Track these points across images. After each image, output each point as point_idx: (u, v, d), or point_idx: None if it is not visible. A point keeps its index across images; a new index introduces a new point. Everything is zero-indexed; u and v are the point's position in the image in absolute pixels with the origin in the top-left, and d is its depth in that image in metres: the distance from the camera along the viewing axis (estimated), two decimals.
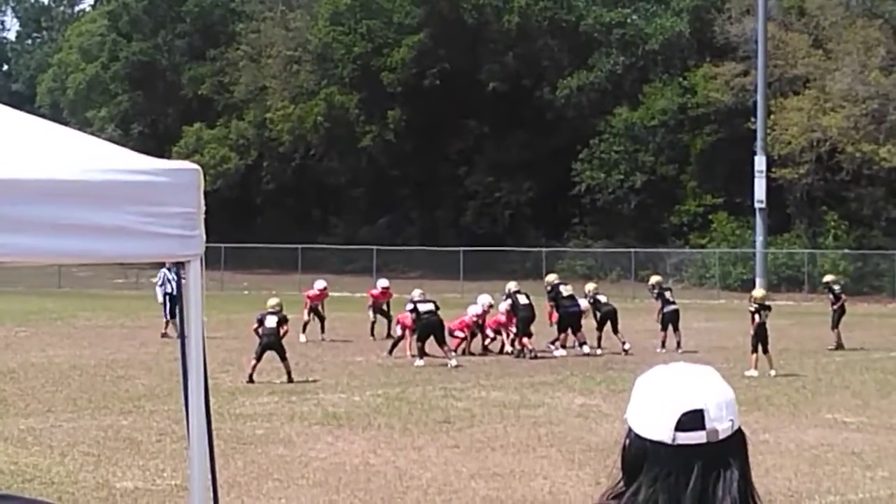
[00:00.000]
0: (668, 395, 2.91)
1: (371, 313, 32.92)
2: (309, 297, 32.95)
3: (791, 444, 16.40)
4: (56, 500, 12.41)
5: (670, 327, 30.23)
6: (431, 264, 52.76)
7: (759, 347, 25.15)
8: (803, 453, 15.81)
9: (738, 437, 2.93)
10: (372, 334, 32.53)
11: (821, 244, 59.95)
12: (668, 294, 31.28)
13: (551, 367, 26.16)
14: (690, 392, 2.90)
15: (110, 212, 4.04)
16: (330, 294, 34.58)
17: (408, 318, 27.90)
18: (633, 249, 60.85)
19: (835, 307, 32.43)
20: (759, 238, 57.46)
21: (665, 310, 30.61)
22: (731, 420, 2.91)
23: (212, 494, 4.84)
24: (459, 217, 71.71)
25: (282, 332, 23.84)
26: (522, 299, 28.89)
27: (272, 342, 23.36)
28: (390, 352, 28.46)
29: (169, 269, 33.24)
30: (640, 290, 55.42)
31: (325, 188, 75.58)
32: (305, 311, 32.36)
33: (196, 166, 4.38)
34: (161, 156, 4.59)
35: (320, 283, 33.41)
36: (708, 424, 2.86)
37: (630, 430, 2.98)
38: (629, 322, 35.02)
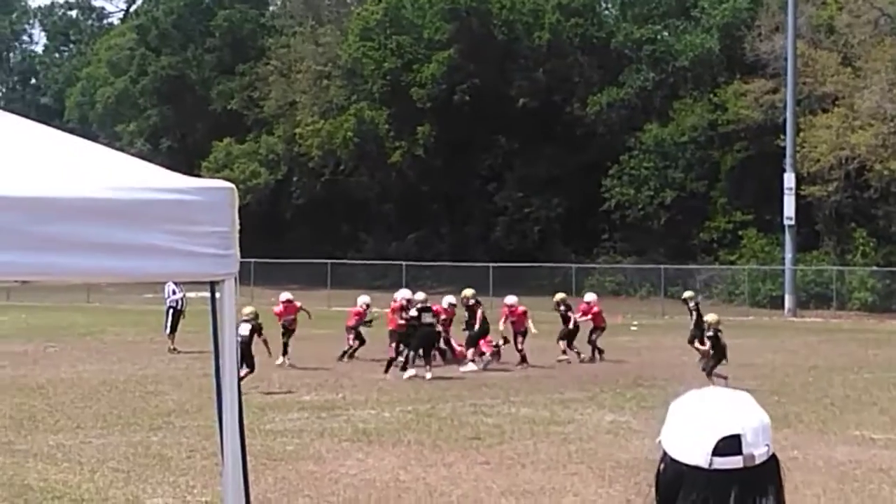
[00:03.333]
0: (705, 419, 2.90)
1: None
2: (277, 312, 30.77)
3: (819, 461, 16.30)
4: None
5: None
6: (461, 279, 52.38)
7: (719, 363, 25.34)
8: (832, 470, 15.73)
9: (773, 463, 2.93)
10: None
11: (849, 261, 59.72)
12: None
13: (581, 383, 26.08)
14: (727, 417, 2.90)
15: (144, 231, 4.01)
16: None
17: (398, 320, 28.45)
18: (662, 266, 60.72)
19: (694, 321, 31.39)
20: (788, 255, 57.41)
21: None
22: (767, 445, 2.90)
23: None
24: (489, 233, 71.68)
25: (256, 339, 24.47)
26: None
27: (243, 350, 22.88)
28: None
29: (177, 284, 33.03)
30: (669, 307, 55.31)
31: (355, 203, 75.62)
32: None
33: (230, 185, 4.36)
34: (190, 171, 4.58)
35: (285, 295, 31.37)
36: (745, 449, 2.86)
37: (665, 454, 2.98)
38: (659, 339, 34.99)
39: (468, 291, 30.81)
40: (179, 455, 16.20)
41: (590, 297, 33.04)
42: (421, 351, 27.33)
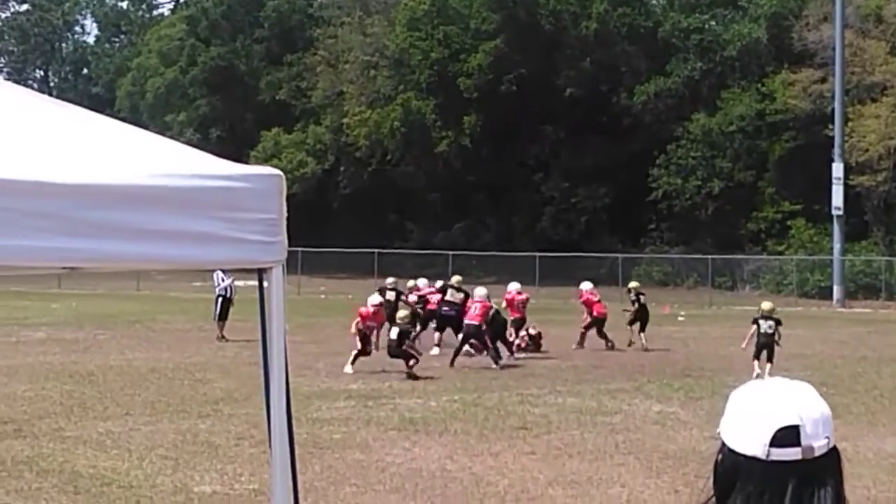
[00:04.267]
0: (764, 409, 2.85)
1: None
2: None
3: (869, 453, 16.20)
4: None
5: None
6: (506, 269, 52.35)
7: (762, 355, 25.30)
8: (881, 462, 15.63)
9: (833, 456, 2.86)
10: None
11: None
12: None
13: (628, 373, 26.02)
14: (786, 407, 2.84)
15: (192, 218, 4.02)
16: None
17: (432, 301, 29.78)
18: (710, 256, 60.52)
19: (632, 311, 31.97)
20: (837, 245, 57.14)
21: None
22: (827, 437, 2.84)
23: (293, 500, 4.83)
24: (535, 223, 71.62)
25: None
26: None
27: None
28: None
29: (226, 272, 33.15)
30: (716, 297, 55.26)
31: (402, 193, 75.73)
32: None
33: (279, 172, 4.36)
34: (238, 160, 4.56)
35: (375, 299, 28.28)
36: (804, 441, 2.80)
37: (723, 444, 2.92)
38: (706, 329, 34.87)
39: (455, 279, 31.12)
40: (227, 443, 16.27)
41: (585, 285, 32.39)
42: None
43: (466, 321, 27.53)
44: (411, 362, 24.80)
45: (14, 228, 3.60)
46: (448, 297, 29.93)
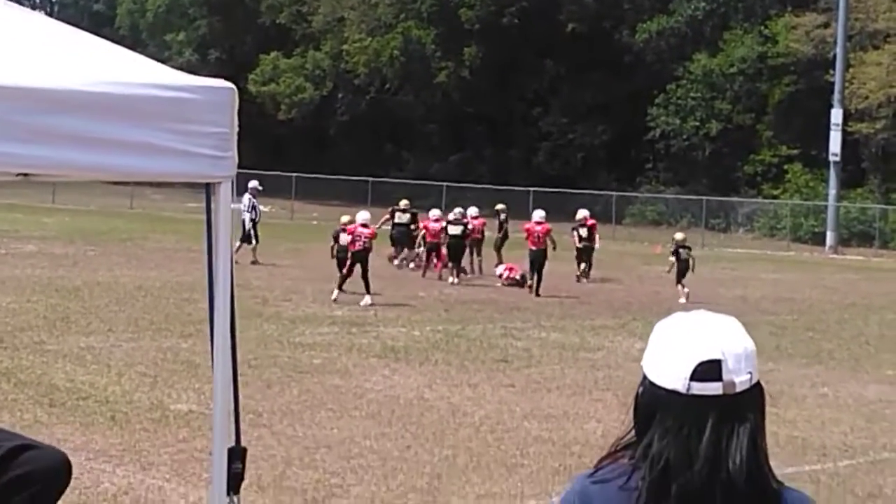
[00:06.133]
0: (686, 343, 2.79)
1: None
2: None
3: (850, 399, 16.25)
4: (110, 419, 12.52)
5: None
6: (501, 202, 52.33)
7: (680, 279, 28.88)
8: (861, 408, 15.66)
9: (755, 392, 2.81)
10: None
11: (894, 200, 59.32)
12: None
13: (613, 311, 26.09)
14: (709, 341, 2.78)
15: (141, 128, 3.94)
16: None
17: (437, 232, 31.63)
18: (704, 197, 60.49)
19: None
20: (832, 191, 57.21)
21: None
22: (750, 373, 2.78)
23: (233, 422, 4.81)
24: (531, 157, 71.53)
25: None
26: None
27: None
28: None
29: (253, 195, 33.48)
30: (710, 238, 55.28)
31: (399, 122, 75.54)
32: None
33: (231, 85, 4.28)
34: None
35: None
36: (725, 376, 2.74)
37: (644, 377, 2.87)
38: (698, 270, 34.84)
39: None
40: (207, 363, 16.05)
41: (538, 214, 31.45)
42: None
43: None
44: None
45: None
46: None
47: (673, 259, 29.73)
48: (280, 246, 33.60)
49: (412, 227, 34.37)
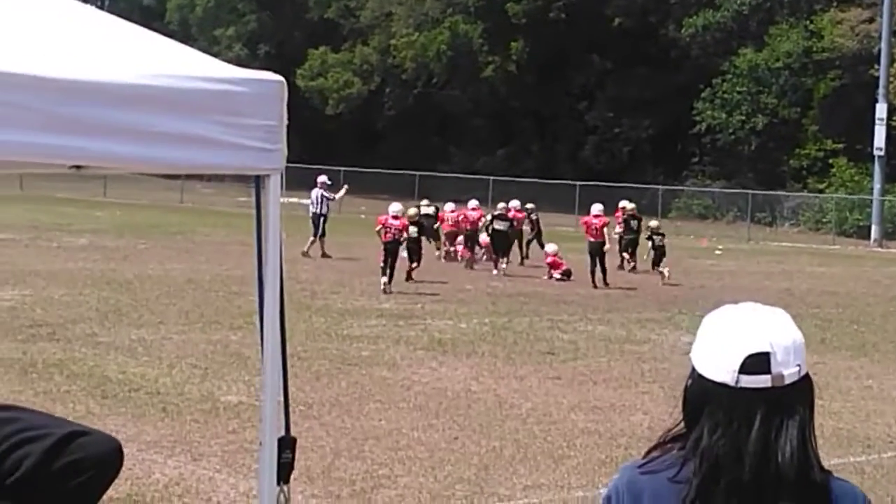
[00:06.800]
0: (734, 335, 2.82)
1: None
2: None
3: (894, 392, 16.20)
4: (161, 411, 12.67)
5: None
6: (547, 197, 52.22)
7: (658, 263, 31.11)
8: None
9: (804, 384, 2.83)
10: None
11: None
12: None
13: (660, 304, 26.08)
14: (758, 334, 2.80)
15: (190, 120, 3.99)
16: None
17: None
18: (750, 191, 60.30)
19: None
20: (877, 185, 57.10)
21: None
22: (798, 365, 2.81)
23: (283, 413, 4.89)
24: (578, 151, 71.51)
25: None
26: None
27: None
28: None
29: (323, 189, 33.91)
30: (755, 232, 55.13)
31: (446, 117, 75.63)
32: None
33: (280, 78, 4.32)
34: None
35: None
36: (774, 369, 2.77)
37: (693, 369, 2.91)
38: (743, 264, 34.81)
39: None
40: (256, 355, 16.15)
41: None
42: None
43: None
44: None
45: (3, 121, 3.62)
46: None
47: (650, 244, 32.44)
48: (329, 239, 33.74)
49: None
